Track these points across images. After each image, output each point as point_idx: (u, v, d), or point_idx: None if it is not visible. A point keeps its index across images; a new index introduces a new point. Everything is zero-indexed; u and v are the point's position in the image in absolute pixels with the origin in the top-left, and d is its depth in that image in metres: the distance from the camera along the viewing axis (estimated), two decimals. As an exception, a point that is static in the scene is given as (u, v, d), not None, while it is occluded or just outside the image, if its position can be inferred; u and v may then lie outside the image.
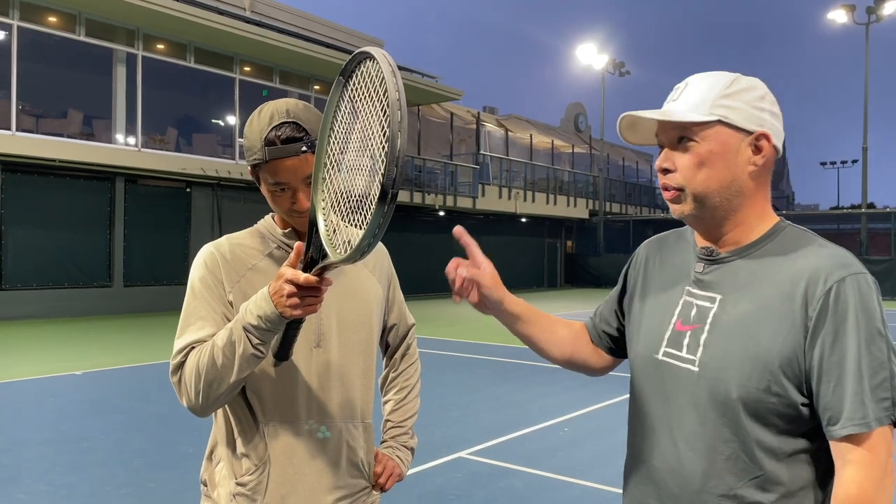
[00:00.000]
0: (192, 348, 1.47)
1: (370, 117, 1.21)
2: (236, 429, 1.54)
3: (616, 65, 32.76)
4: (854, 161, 66.32)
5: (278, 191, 1.50)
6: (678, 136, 1.26)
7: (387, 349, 1.85)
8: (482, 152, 27.05)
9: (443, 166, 24.32)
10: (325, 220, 1.31)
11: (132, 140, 16.01)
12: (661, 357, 1.31)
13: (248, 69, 18.65)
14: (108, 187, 15.77)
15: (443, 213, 24.89)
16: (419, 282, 22.66)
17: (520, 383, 8.21)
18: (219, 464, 1.58)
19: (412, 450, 1.81)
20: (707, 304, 1.27)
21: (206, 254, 1.57)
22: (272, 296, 1.32)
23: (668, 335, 1.31)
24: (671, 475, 1.27)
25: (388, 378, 1.86)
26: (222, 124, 18.66)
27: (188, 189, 17.15)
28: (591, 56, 31.57)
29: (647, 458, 1.31)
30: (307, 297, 1.30)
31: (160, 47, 16.75)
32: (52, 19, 14.92)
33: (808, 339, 1.16)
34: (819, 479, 1.20)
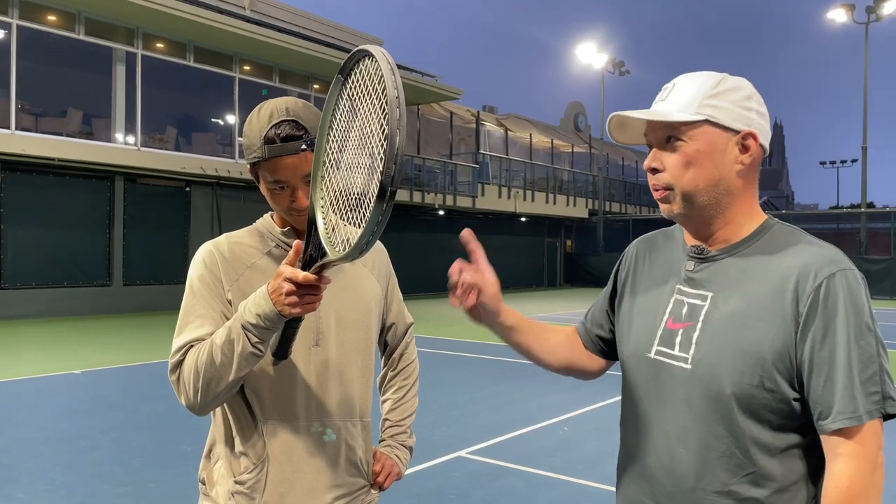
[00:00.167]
0: (191, 347, 1.47)
1: (369, 115, 1.21)
2: (235, 427, 1.54)
3: (616, 64, 32.75)
4: (853, 160, 66.37)
5: (277, 189, 1.50)
6: (666, 135, 1.27)
7: (385, 348, 1.85)
8: (482, 151, 27.04)
9: (442, 165, 24.31)
10: (323, 219, 1.31)
11: (131, 139, 16.00)
12: (653, 356, 1.32)
13: (247, 68, 18.64)
14: (107, 186, 15.76)
15: (442, 213, 24.88)
16: (418, 281, 22.66)
17: (519, 383, 8.21)
18: (217, 462, 1.58)
19: (411, 449, 1.81)
20: (699, 302, 1.28)
21: (205, 252, 1.57)
22: (271, 294, 1.32)
23: (660, 334, 1.32)
24: (665, 473, 1.27)
25: (387, 377, 1.86)
26: (222, 123, 18.65)
27: (187, 188, 17.15)
28: (590, 55, 31.56)
29: (641, 456, 1.32)
30: (306, 296, 1.30)
31: (160, 46, 16.74)
32: (52, 18, 14.91)
33: (799, 334, 1.17)
34: (811, 473, 1.22)
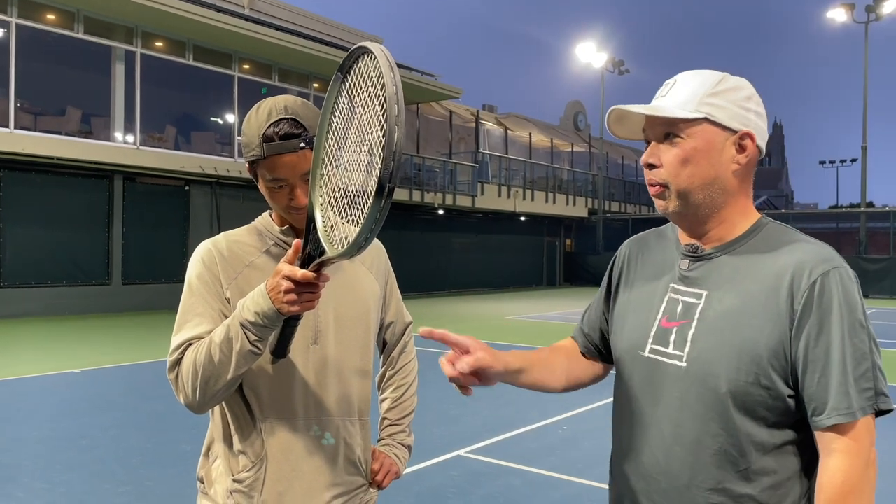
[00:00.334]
0: (190, 345, 1.47)
1: (368, 112, 1.21)
2: (233, 426, 1.54)
3: (615, 63, 32.74)
4: (853, 160, 66.36)
5: (276, 187, 1.50)
6: (665, 131, 1.28)
7: (384, 347, 1.85)
8: (481, 151, 27.04)
9: (442, 164, 24.30)
10: (322, 216, 1.31)
11: (131, 138, 15.99)
12: (647, 354, 1.32)
13: (246, 67, 18.63)
14: (106, 185, 15.75)
15: (442, 212, 24.89)
16: (417, 280, 22.68)
17: (518, 381, 8.21)
18: (216, 461, 1.58)
19: (409, 448, 1.81)
20: (693, 301, 1.29)
21: (204, 251, 1.57)
22: (269, 292, 1.32)
23: (654, 332, 1.32)
24: (659, 470, 1.28)
25: (386, 376, 1.85)
26: (221, 122, 18.64)
27: (187, 187, 17.14)
28: (590, 54, 31.55)
29: (635, 454, 1.33)
30: (304, 294, 1.30)
31: (159, 45, 16.73)
32: (51, 17, 14.89)
33: (794, 331, 1.18)
34: (805, 469, 1.23)
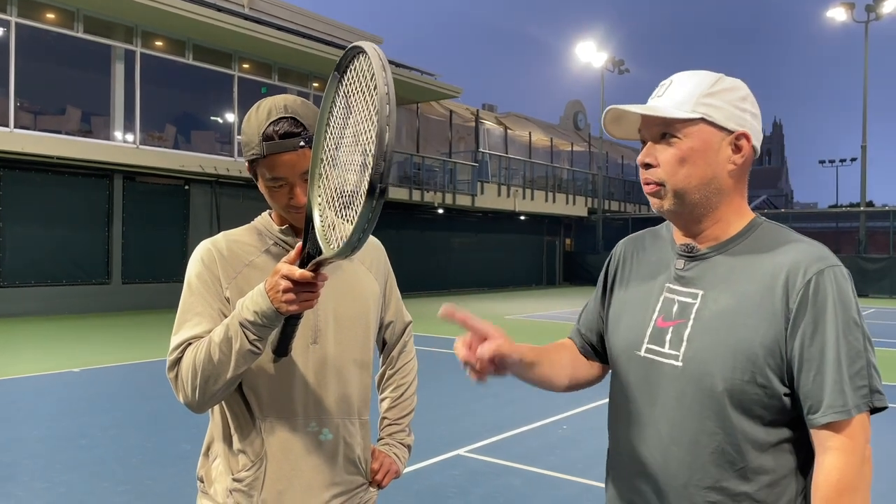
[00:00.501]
0: (189, 344, 1.47)
1: (362, 112, 1.21)
2: (233, 425, 1.54)
3: (615, 63, 32.73)
4: (853, 159, 66.40)
5: (276, 186, 1.50)
6: (661, 132, 1.28)
7: (384, 346, 1.85)
8: (481, 150, 27.03)
9: (441, 164, 24.30)
10: (320, 216, 1.31)
11: (130, 137, 15.98)
12: (643, 354, 1.33)
13: (246, 66, 18.62)
14: (106, 184, 15.74)
15: (441, 211, 24.88)
16: (417, 279, 22.67)
17: (518, 381, 8.20)
18: (215, 460, 1.58)
19: (409, 447, 1.81)
20: (689, 300, 1.29)
21: (203, 250, 1.57)
22: (268, 292, 1.33)
23: (650, 332, 1.32)
24: (656, 469, 1.28)
25: (385, 375, 1.86)
26: (221, 121, 18.64)
27: (186, 186, 17.13)
28: (590, 54, 31.54)
29: (632, 453, 1.33)
30: (303, 293, 1.30)
31: (158, 44, 16.72)
32: (50, 16, 14.88)
33: (789, 329, 1.19)
34: (800, 467, 1.23)
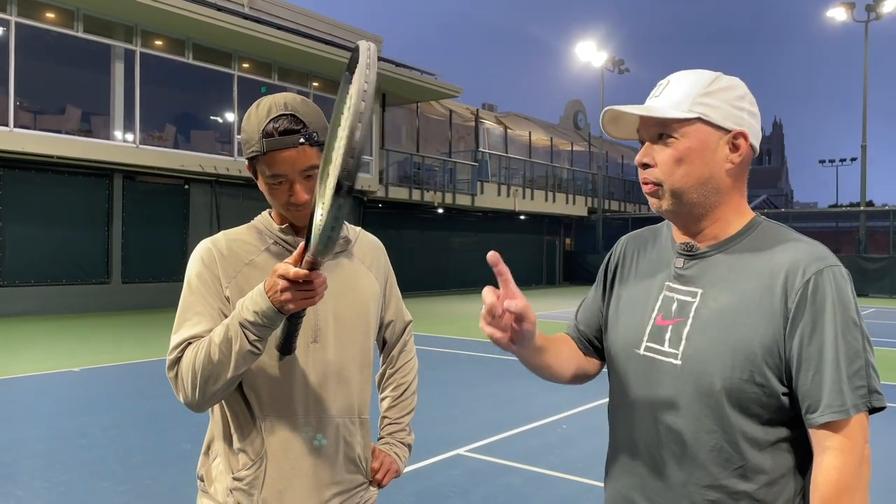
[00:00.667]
0: (189, 344, 1.47)
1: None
2: (233, 424, 1.54)
3: (615, 62, 32.73)
4: (853, 159, 66.40)
5: (275, 184, 1.50)
6: (658, 132, 1.29)
7: (384, 346, 1.85)
8: (481, 150, 27.03)
9: (441, 163, 24.30)
10: (321, 213, 1.32)
11: (130, 137, 15.98)
12: (642, 352, 1.33)
13: (246, 66, 18.61)
14: (106, 184, 15.74)
15: (441, 211, 24.88)
16: (417, 279, 22.67)
17: (517, 381, 8.21)
18: (216, 459, 1.58)
19: (409, 446, 1.81)
20: (689, 299, 1.29)
21: (203, 249, 1.57)
22: (267, 291, 1.34)
23: (649, 330, 1.33)
24: (655, 467, 1.29)
25: (385, 375, 1.86)
26: (221, 121, 18.63)
27: (186, 186, 17.13)
28: (590, 53, 31.54)
29: (631, 451, 1.34)
30: (300, 291, 1.31)
31: (158, 43, 16.71)
32: (50, 15, 14.88)
33: (788, 329, 1.19)
34: (799, 466, 1.23)
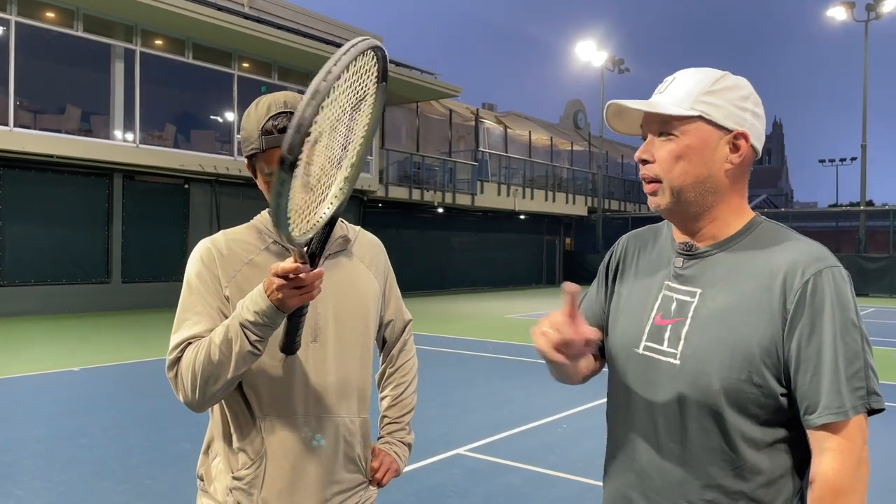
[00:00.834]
0: (189, 344, 1.47)
1: (344, 111, 1.24)
2: (233, 424, 1.54)
3: (615, 62, 32.73)
4: (853, 158, 66.42)
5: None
6: (660, 128, 1.29)
7: (384, 345, 1.85)
8: (481, 149, 27.03)
9: (441, 163, 24.29)
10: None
11: (130, 136, 15.98)
12: (641, 351, 1.33)
13: (246, 65, 18.61)
14: (106, 183, 15.74)
15: (441, 210, 24.89)
16: (417, 278, 22.68)
17: (517, 380, 8.21)
18: (215, 458, 1.58)
19: (409, 445, 1.81)
20: (688, 299, 1.29)
21: (203, 249, 1.57)
22: (266, 291, 1.34)
23: (649, 329, 1.32)
24: (653, 467, 1.29)
25: (385, 374, 1.86)
26: (221, 121, 18.62)
27: (186, 185, 17.13)
28: (590, 53, 31.54)
29: (629, 450, 1.34)
30: (296, 288, 1.31)
31: (158, 43, 16.70)
32: (50, 15, 14.87)
33: (786, 330, 1.19)
34: (797, 467, 1.23)
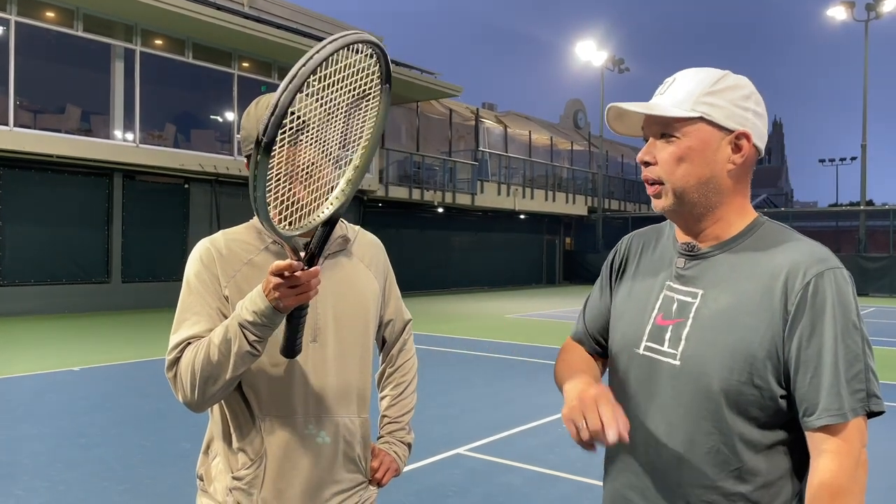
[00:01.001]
0: (188, 344, 1.47)
1: (338, 110, 1.24)
2: (232, 424, 1.54)
3: (615, 61, 32.73)
4: (853, 158, 66.39)
5: None
6: (661, 130, 1.28)
7: (383, 345, 1.85)
8: (481, 149, 27.02)
9: (441, 163, 24.29)
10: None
11: (130, 136, 15.97)
12: (641, 351, 1.32)
13: (246, 65, 18.60)
14: (106, 183, 15.74)
15: (441, 210, 24.88)
16: (417, 278, 22.68)
17: (517, 380, 8.21)
18: (215, 458, 1.58)
19: (409, 445, 1.81)
20: (689, 299, 1.28)
21: (202, 249, 1.57)
22: (264, 291, 1.34)
23: (649, 329, 1.32)
24: (652, 467, 1.28)
25: (385, 374, 1.85)
26: (220, 120, 18.62)
27: (186, 185, 17.13)
28: (590, 53, 31.54)
29: (629, 451, 1.33)
30: (292, 287, 1.30)
31: (158, 43, 16.70)
32: (50, 14, 14.87)
33: (787, 331, 1.18)
34: (796, 469, 1.23)
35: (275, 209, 1.27)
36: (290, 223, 1.30)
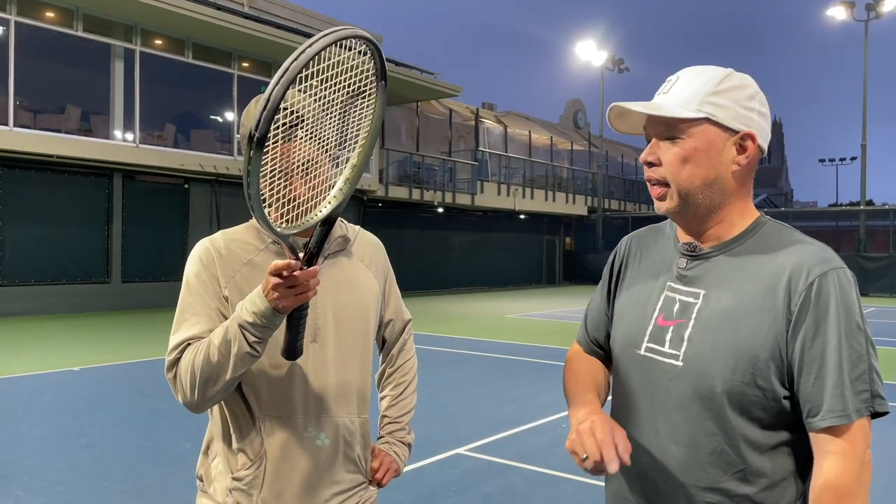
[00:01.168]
0: (188, 345, 1.47)
1: (338, 101, 1.24)
2: (232, 424, 1.54)
3: (615, 61, 32.73)
4: (853, 158, 66.37)
5: None
6: (665, 130, 1.26)
7: (383, 345, 1.84)
8: (481, 149, 27.02)
9: (441, 163, 24.28)
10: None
11: (130, 136, 15.97)
12: (643, 352, 1.31)
13: (246, 65, 18.60)
14: (105, 183, 15.73)
15: (441, 210, 24.88)
16: (417, 278, 22.67)
17: (518, 380, 8.21)
18: (215, 459, 1.58)
19: (409, 445, 1.81)
20: (691, 300, 1.28)
21: (202, 249, 1.56)
22: (264, 292, 1.34)
23: (650, 330, 1.31)
24: (655, 469, 1.28)
25: (385, 374, 1.85)
26: (220, 120, 18.61)
27: (186, 185, 17.12)
28: (590, 52, 31.54)
29: (632, 453, 1.32)
30: (291, 287, 1.30)
31: (158, 43, 16.70)
32: (50, 14, 14.86)
33: (790, 332, 1.17)
34: (800, 470, 1.22)
35: (271, 206, 1.27)
36: (288, 221, 1.30)
